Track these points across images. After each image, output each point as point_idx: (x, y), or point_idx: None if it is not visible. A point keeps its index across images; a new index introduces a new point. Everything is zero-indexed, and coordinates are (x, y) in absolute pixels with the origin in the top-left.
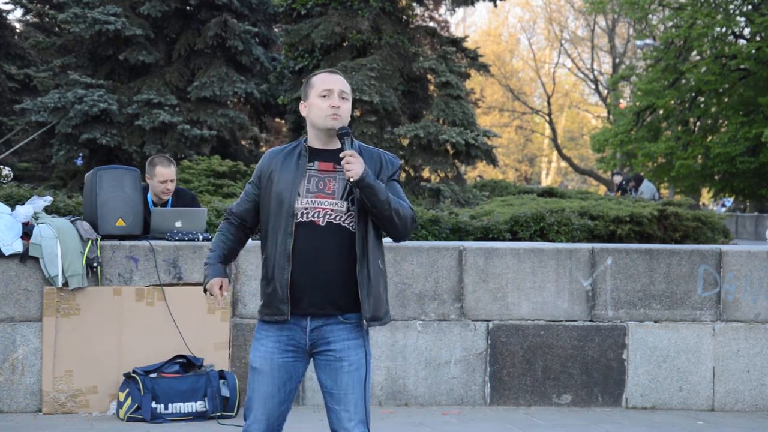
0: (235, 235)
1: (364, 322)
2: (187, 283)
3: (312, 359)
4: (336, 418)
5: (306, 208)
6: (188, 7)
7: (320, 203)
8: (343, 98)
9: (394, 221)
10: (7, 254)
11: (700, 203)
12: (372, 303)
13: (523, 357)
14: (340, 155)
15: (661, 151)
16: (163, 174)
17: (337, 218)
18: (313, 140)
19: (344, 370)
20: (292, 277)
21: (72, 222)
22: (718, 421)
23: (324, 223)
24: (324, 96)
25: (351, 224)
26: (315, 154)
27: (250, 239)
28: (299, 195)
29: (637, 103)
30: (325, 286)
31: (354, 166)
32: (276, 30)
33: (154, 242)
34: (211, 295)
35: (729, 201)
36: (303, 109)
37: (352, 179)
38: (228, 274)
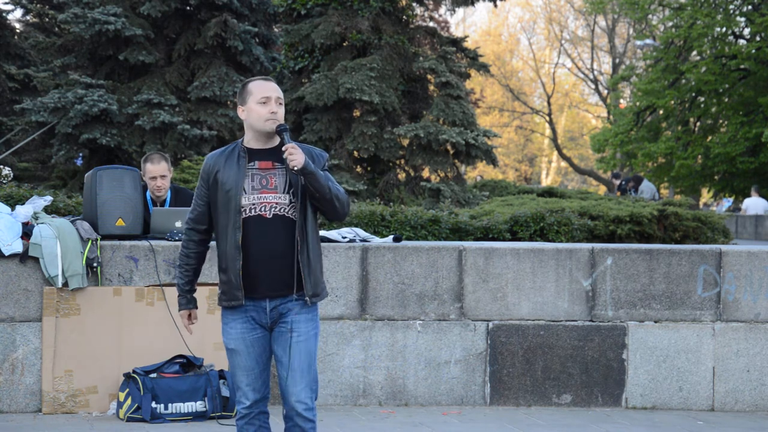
0: (196, 253)
1: (307, 299)
2: None
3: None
4: (285, 383)
5: (253, 204)
6: (188, 7)
7: (265, 198)
8: (279, 104)
9: (335, 204)
10: (7, 254)
11: (701, 203)
12: (312, 282)
13: (523, 357)
14: (282, 148)
15: (661, 151)
16: (151, 170)
17: (282, 210)
18: (251, 141)
19: (294, 340)
20: (245, 266)
21: (72, 222)
22: (718, 421)
23: (271, 216)
24: (263, 102)
25: (293, 214)
26: (254, 155)
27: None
28: (245, 192)
29: (637, 103)
30: (277, 271)
31: (296, 156)
32: (276, 30)
33: (154, 242)
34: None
35: (729, 201)
36: (241, 113)
37: (296, 168)
38: (195, 300)
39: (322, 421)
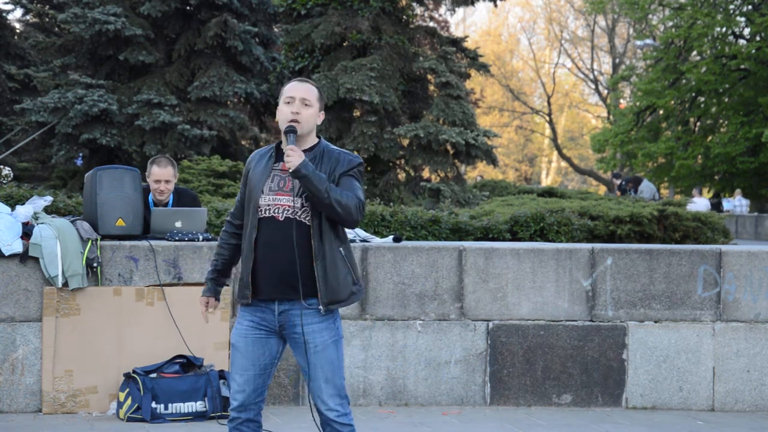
0: (228, 244)
1: (321, 308)
2: (187, 283)
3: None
4: (312, 391)
5: (268, 205)
6: (188, 7)
7: (279, 200)
8: (305, 105)
9: (336, 209)
10: (7, 254)
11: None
12: (328, 291)
13: (523, 357)
14: (284, 149)
15: (661, 151)
16: (156, 174)
17: (294, 213)
18: (282, 142)
19: (311, 351)
20: (254, 266)
21: (72, 222)
22: (718, 421)
23: (283, 218)
24: (288, 102)
25: (306, 218)
26: (281, 155)
27: None
28: (263, 193)
29: (637, 103)
30: (285, 275)
31: (291, 158)
32: (276, 30)
33: (154, 242)
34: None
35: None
36: (277, 114)
37: (289, 170)
38: (218, 291)
39: None
